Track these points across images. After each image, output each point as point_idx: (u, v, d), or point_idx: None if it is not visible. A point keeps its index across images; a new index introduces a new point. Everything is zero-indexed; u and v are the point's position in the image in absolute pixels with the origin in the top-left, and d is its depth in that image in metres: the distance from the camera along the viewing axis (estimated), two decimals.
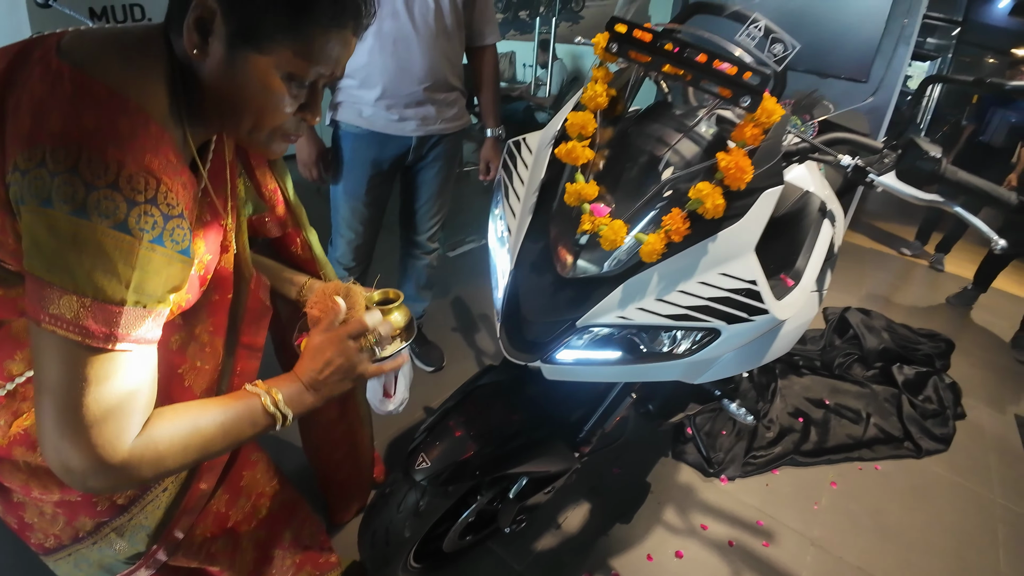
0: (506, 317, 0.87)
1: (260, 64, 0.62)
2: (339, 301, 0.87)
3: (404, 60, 1.54)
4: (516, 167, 0.92)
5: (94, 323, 0.54)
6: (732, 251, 0.74)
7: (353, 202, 1.73)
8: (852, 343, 2.39)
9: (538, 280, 0.83)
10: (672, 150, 0.80)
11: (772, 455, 1.87)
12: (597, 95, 0.80)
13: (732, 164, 0.68)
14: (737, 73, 0.66)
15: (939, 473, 2.00)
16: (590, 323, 0.78)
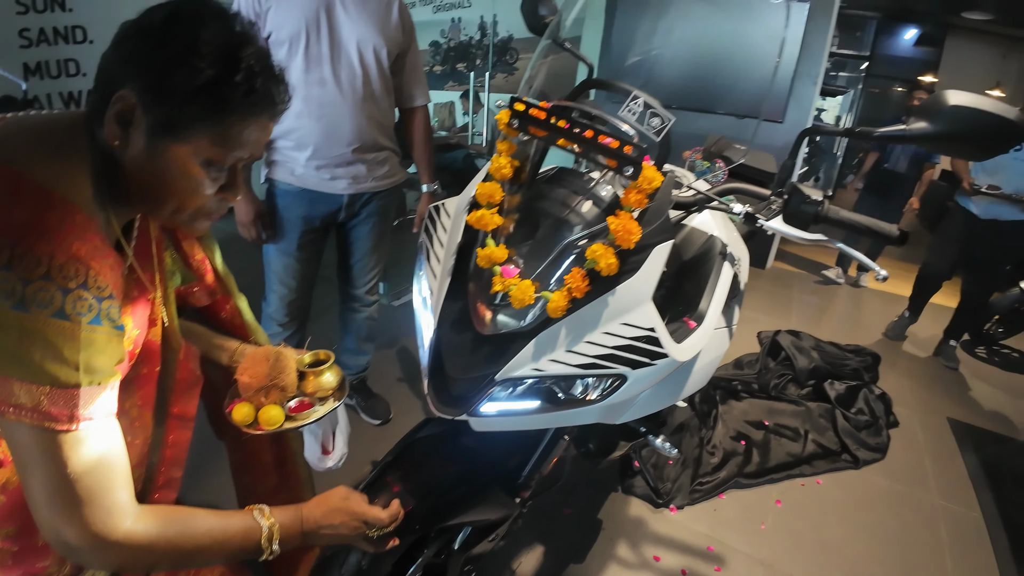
0: (432, 374, 0.91)
1: (179, 153, 0.65)
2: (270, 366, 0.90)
3: (332, 124, 1.59)
4: (436, 231, 0.98)
5: (55, 408, 0.57)
6: (631, 302, 0.80)
7: (285, 258, 1.75)
8: (785, 364, 2.53)
9: (459, 338, 0.88)
10: (573, 212, 0.87)
11: (718, 480, 1.93)
12: (502, 167, 0.87)
13: (620, 228, 0.76)
14: (619, 147, 0.74)
15: (878, 482, 2.10)
16: (508, 376, 0.83)
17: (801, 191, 0.95)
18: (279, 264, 1.76)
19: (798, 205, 0.95)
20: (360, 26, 1.55)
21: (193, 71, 0.61)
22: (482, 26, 4.89)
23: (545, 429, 1.12)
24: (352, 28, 1.54)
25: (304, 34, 1.50)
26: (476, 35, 4.95)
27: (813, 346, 2.65)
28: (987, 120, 0.81)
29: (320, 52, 1.53)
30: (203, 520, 0.69)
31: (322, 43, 1.52)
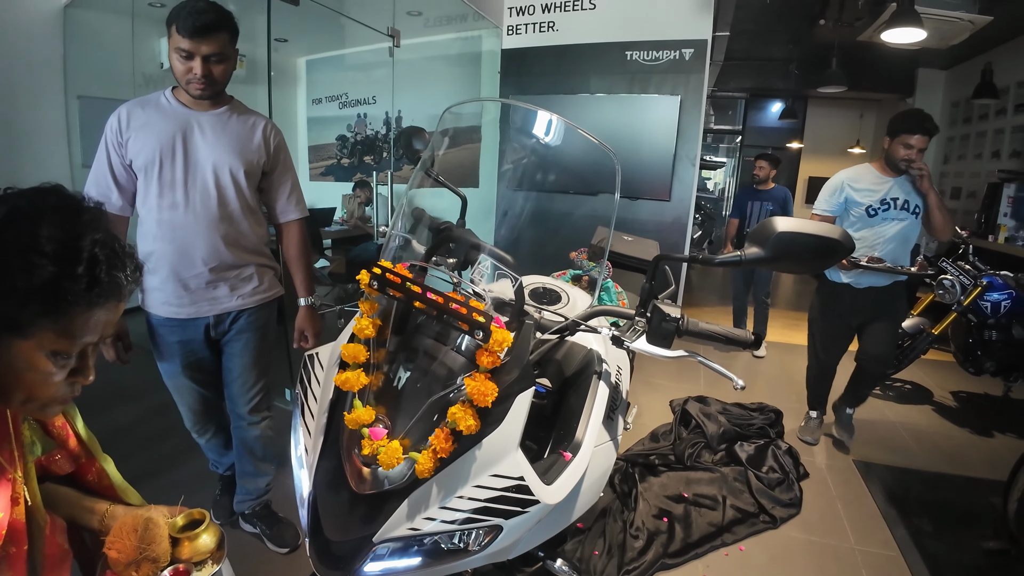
0: (313, 535, 0.88)
1: (23, 348, 0.63)
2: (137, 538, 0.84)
3: (185, 245, 1.60)
4: (309, 383, 0.98)
5: None
6: (498, 453, 0.83)
7: (176, 380, 1.76)
8: (696, 432, 2.63)
9: (335, 497, 0.86)
10: (439, 365, 0.90)
11: (644, 564, 1.94)
12: (364, 328, 0.90)
13: (476, 390, 0.79)
14: (467, 313, 0.79)
15: (796, 537, 2.18)
16: (385, 538, 0.82)
17: (661, 310, 1.04)
18: (172, 386, 1.78)
19: (659, 323, 1.03)
20: (216, 149, 1.59)
21: (32, 270, 0.60)
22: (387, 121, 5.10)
23: None
24: (208, 152, 1.58)
25: (158, 160, 1.54)
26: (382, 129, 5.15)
27: (720, 410, 2.79)
28: (812, 241, 0.92)
29: (174, 176, 1.56)
30: None
31: (176, 168, 1.56)
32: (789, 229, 0.94)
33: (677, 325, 1.03)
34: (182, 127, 1.56)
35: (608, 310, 1.14)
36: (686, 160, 3.57)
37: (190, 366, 1.74)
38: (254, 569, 1.89)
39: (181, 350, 1.70)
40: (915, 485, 2.59)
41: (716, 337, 1.08)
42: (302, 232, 1.86)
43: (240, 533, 2.02)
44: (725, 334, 1.08)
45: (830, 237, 0.92)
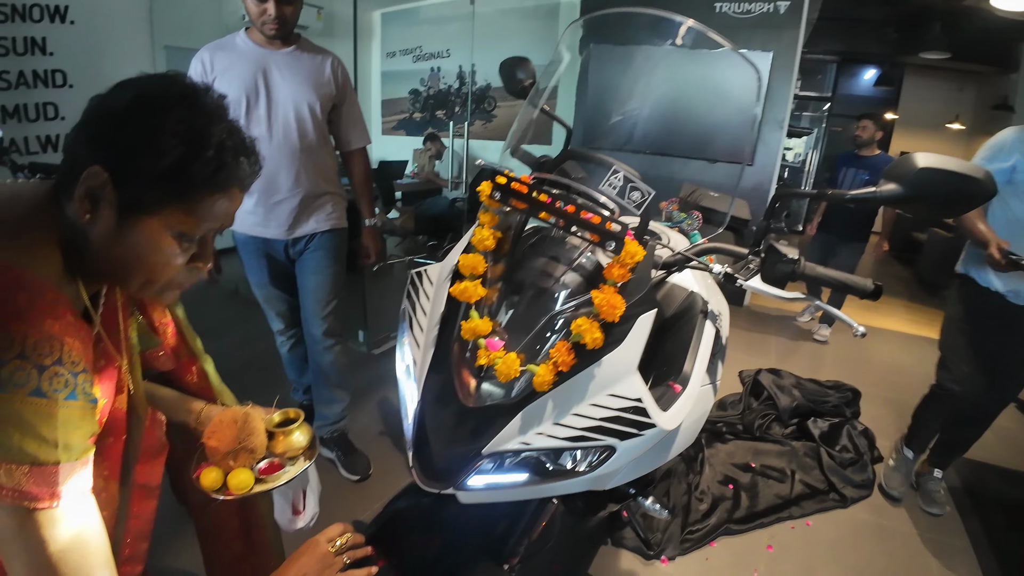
0: (417, 447, 0.88)
1: (151, 226, 0.65)
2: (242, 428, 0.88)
3: (271, 174, 1.75)
4: (418, 298, 0.97)
5: (35, 487, 0.57)
6: (617, 373, 0.80)
7: (263, 290, 2.00)
8: (767, 403, 2.54)
9: (443, 411, 0.86)
10: (557, 282, 0.88)
11: (708, 527, 1.91)
12: (484, 239, 0.88)
13: (604, 302, 0.76)
14: (601, 222, 0.75)
15: (865, 519, 2.10)
16: (494, 450, 0.81)
17: (777, 250, 0.97)
18: (262, 296, 2.01)
19: (774, 264, 0.97)
20: (293, 86, 1.73)
21: (162, 152, 0.62)
22: (461, 75, 5.04)
23: None
24: (287, 89, 1.72)
25: (244, 99, 1.68)
26: (455, 84, 5.10)
27: (794, 384, 2.68)
28: (955, 181, 0.83)
29: (258, 113, 1.71)
30: None
31: (260, 105, 1.70)
32: (931, 165, 0.85)
33: (793, 267, 0.97)
34: (261, 67, 1.69)
35: (719, 247, 1.08)
36: (773, 123, 3.36)
37: (275, 276, 1.96)
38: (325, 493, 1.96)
39: (267, 263, 1.92)
40: (992, 480, 2.45)
41: (833, 283, 1.01)
42: (366, 159, 2.04)
43: (321, 460, 2.12)
44: (844, 280, 1.01)
45: (974, 176, 0.83)
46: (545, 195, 0.80)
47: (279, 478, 0.94)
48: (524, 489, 0.87)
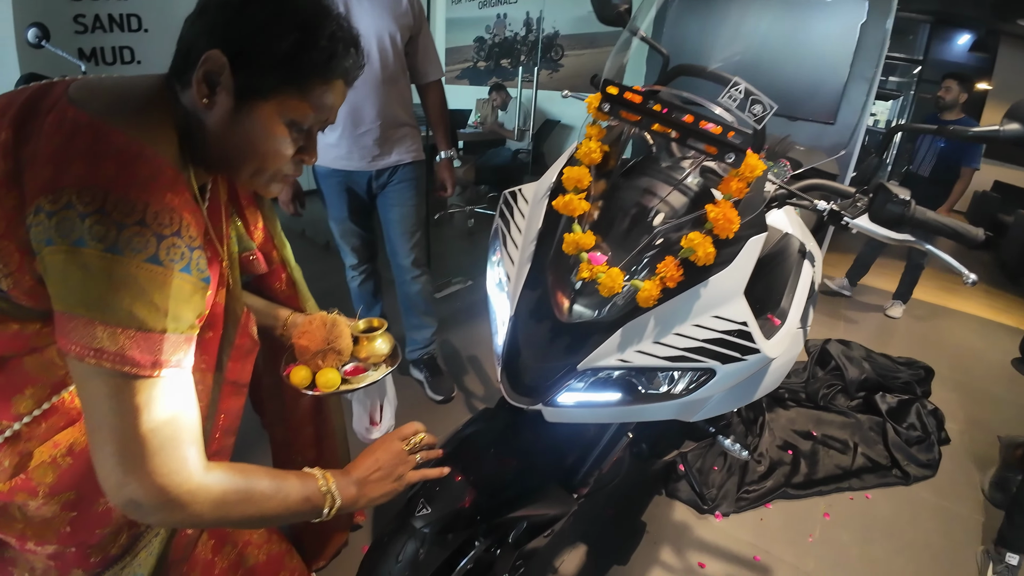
0: (507, 362, 0.89)
1: (267, 114, 0.66)
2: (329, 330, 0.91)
3: (356, 106, 1.79)
4: (513, 217, 0.96)
5: (139, 353, 0.56)
6: (723, 295, 0.78)
7: (341, 224, 2.04)
8: (834, 374, 2.45)
9: (537, 326, 0.86)
10: (662, 201, 0.84)
11: (764, 489, 1.88)
12: (591, 151, 0.85)
13: (720, 215, 0.73)
14: (722, 132, 0.71)
15: (927, 499, 2.03)
16: (591, 366, 0.80)
17: (888, 189, 0.91)
18: (339, 230, 2.05)
19: (884, 204, 0.90)
20: (374, 16, 1.73)
21: (280, 37, 0.63)
22: (527, 22, 4.87)
23: (608, 425, 1.10)
24: (369, 19, 1.71)
25: None
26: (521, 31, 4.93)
27: (864, 356, 2.57)
28: None
29: None
30: (265, 477, 0.68)
31: None
32: None
33: (904, 209, 0.90)
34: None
35: (824, 184, 1.02)
36: (861, 80, 3.10)
37: (354, 211, 2.00)
38: (411, 411, 2.09)
39: (348, 198, 1.97)
40: None
41: (944, 230, 0.94)
42: (442, 91, 2.04)
43: (403, 378, 2.28)
44: (954, 227, 0.94)
45: None
46: (659, 106, 0.77)
47: (363, 380, 0.99)
48: (613, 410, 0.86)
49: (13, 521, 0.70)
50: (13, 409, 0.67)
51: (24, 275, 0.59)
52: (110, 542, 0.78)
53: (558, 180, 0.89)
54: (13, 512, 0.70)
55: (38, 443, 0.69)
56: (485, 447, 1.11)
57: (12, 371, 0.66)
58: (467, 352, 2.63)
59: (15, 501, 0.68)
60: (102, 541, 0.76)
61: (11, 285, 0.60)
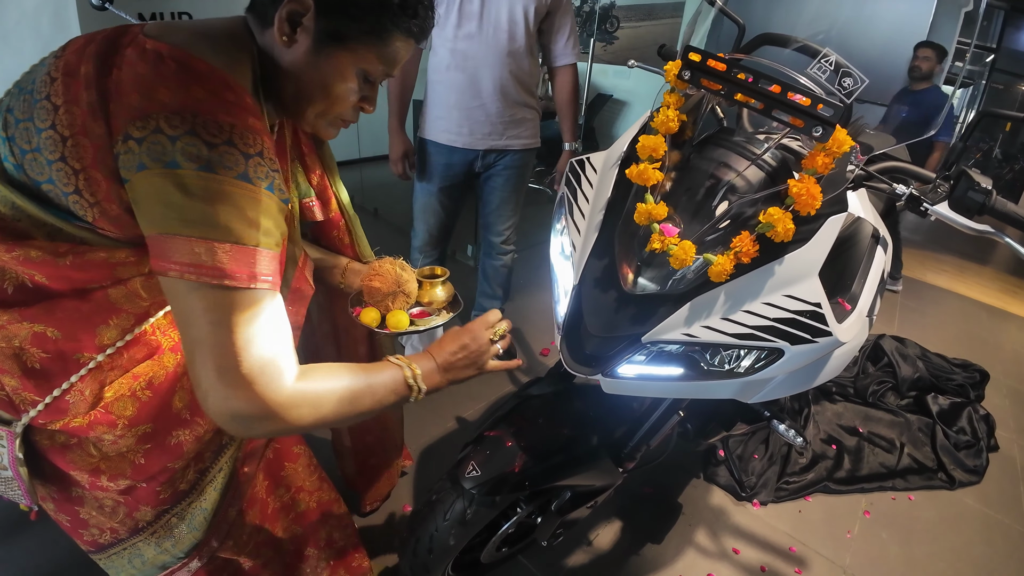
0: (568, 331, 0.89)
1: (343, 60, 0.68)
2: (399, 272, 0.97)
3: (475, 74, 1.71)
4: (580, 185, 0.95)
5: (236, 266, 0.58)
6: (797, 274, 0.76)
7: (428, 197, 1.95)
8: (886, 371, 2.37)
9: (602, 296, 0.86)
10: (738, 175, 0.82)
11: (805, 481, 1.85)
12: (669, 120, 0.83)
13: (804, 191, 0.71)
14: (811, 104, 0.69)
15: (971, 505, 1.97)
16: (656, 339, 0.80)
17: (971, 176, 0.86)
18: (423, 201, 1.97)
19: (965, 192, 0.86)
20: None
21: None
22: None
23: (660, 402, 1.09)
24: None
25: None
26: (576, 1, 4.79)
27: (919, 355, 2.48)
28: None
29: (472, 9, 1.64)
30: (356, 375, 0.70)
31: (474, 1, 1.64)
32: None
33: (985, 198, 0.85)
34: None
35: (904, 167, 0.97)
36: None
37: (444, 190, 1.92)
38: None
39: (444, 173, 1.88)
40: None
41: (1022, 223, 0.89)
42: (575, 77, 1.90)
43: None
44: None
45: None
46: (743, 74, 0.74)
47: (428, 322, 1.02)
48: (672, 385, 0.85)
49: (88, 456, 0.72)
50: (97, 340, 0.68)
51: (112, 204, 0.61)
52: (179, 477, 0.80)
53: (631, 148, 0.87)
54: (88, 448, 0.72)
55: (119, 373, 0.71)
56: (536, 415, 1.12)
57: (97, 302, 0.67)
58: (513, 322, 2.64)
59: (92, 435, 0.71)
60: (172, 476, 0.79)
61: (97, 215, 0.62)
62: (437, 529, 1.08)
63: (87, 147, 0.58)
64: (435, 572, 1.13)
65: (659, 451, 1.19)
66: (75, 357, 0.67)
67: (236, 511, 0.90)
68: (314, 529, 1.08)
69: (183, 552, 0.85)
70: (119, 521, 0.80)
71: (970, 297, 3.80)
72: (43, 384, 0.67)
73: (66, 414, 0.68)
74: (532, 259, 3.38)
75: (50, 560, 1.36)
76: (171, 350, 0.76)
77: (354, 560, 1.18)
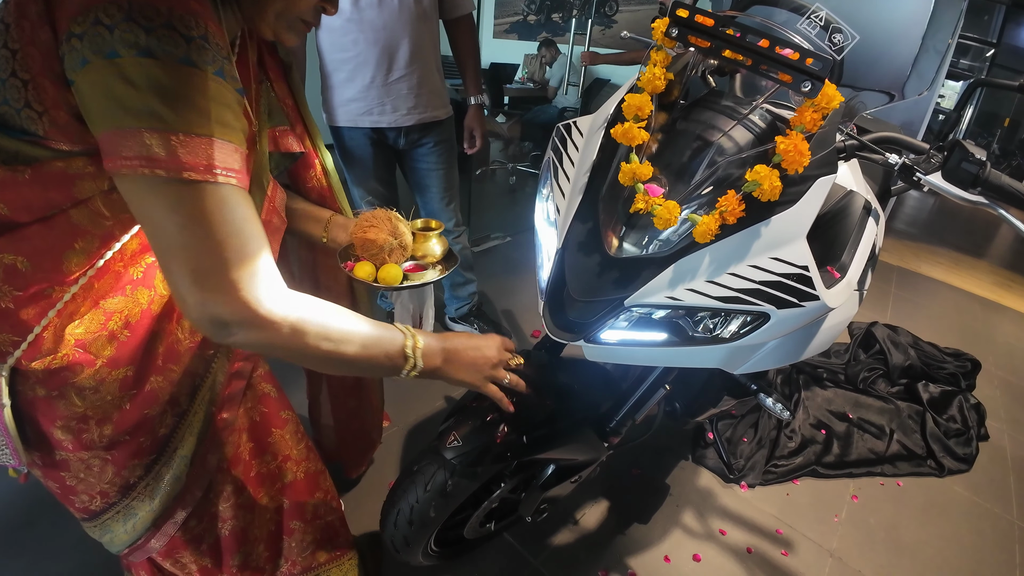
0: (550, 296, 0.87)
1: None
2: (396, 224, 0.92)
3: (390, 44, 1.58)
4: (566, 149, 0.93)
5: (191, 157, 0.54)
6: (784, 236, 0.74)
7: (363, 186, 1.85)
8: (877, 358, 2.37)
9: (585, 259, 0.84)
10: (724, 135, 0.80)
11: (793, 465, 1.85)
12: (655, 78, 0.81)
13: (791, 147, 0.69)
14: (799, 59, 0.67)
15: (960, 492, 1.97)
16: (639, 302, 0.78)
17: (965, 147, 0.85)
18: (361, 192, 1.86)
19: (959, 162, 0.85)
20: None
21: None
22: None
23: (645, 375, 1.08)
24: None
25: None
26: None
27: (911, 343, 2.47)
28: None
29: None
30: (348, 316, 0.67)
31: None
32: None
33: (979, 170, 0.84)
34: None
35: (897, 137, 0.96)
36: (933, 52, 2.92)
37: (379, 170, 1.81)
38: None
39: (373, 157, 1.77)
40: None
41: (1017, 197, 0.87)
42: (473, 27, 1.81)
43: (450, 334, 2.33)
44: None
45: None
46: (732, 30, 0.72)
47: (422, 277, 0.98)
48: (657, 351, 0.84)
49: (73, 407, 0.71)
50: (65, 266, 0.66)
51: (59, 111, 0.58)
52: (159, 423, 0.79)
53: (617, 110, 0.85)
54: (72, 398, 0.70)
55: (90, 306, 0.69)
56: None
57: (60, 227, 0.65)
58: (502, 306, 2.64)
59: (73, 379, 0.69)
60: (152, 424, 0.78)
61: (48, 126, 0.59)
62: (418, 500, 1.06)
63: (35, 56, 0.56)
64: (416, 545, 1.11)
65: (645, 427, 1.18)
66: (46, 292, 0.66)
67: (216, 459, 0.87)
68: (300, 502, 1.06)
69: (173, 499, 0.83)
70: (108, 482, 0.78)
71: (964, 289, 3.80)
72: (19, 325, 0.65)
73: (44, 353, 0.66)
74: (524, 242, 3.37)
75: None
76: (143, 284, 0.73)
77: (339, 536, 1.16)
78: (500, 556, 1.43)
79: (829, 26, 0.73)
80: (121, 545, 0.84)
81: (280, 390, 1.00)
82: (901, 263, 4.17)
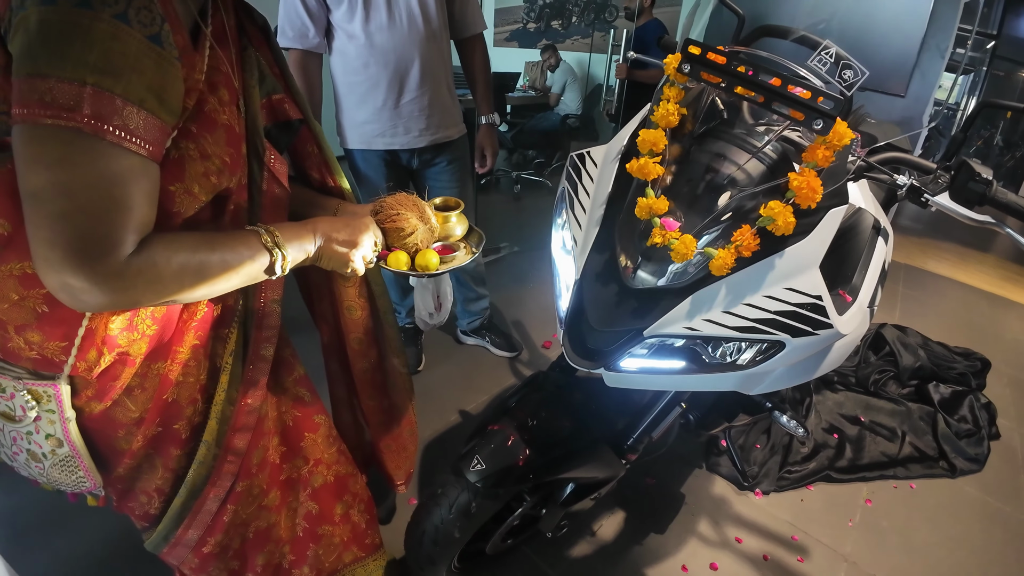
0: (570, 325, 0.89)
1: None
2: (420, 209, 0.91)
3: (402, 66, 1.58)
4: (581, 179, 0.95)
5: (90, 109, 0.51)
6: (798, 267, 0.76)
7: None
8: (887, 360, 2.38)
9: (603, 290, 0.86)
10: (738, 168, 0.83)
11: (807, 471, 1.86)
12: (669, 113, 0.83)
13: (804, 184, 0.71)
14: (811, 97, 0.69)
15: (972, 493, 1.98)
16: (657, 333, 0.80)
17: (971, 167, 0.86)
18: None
19: (965, 182, 0.87)
20: None
21: None
22: None
23: (662, 394, 1.10)
24: None
25: None
26: None
27: (920, 344, 2.48)
28: None
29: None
30: (201, 244, 0.64)
31: None
32: None
33: (986, 189, 0.86)
34: None
35: (904, 158, 0.97)
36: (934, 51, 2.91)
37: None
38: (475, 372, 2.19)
39: (389, 179, 1.76)
40: None
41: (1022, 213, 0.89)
42: (485, 46, 1.81)
43: (465, 348, 2.35)
44: None
45: None
46: (743, 67, 0.74)
47: (454, 260, 0.96)
48: (674, 378, 0.86)
49: (128, 412, 0.73)
50: None
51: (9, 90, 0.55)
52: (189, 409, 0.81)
53: (631, 142, 0.87)
54: (125, 403, 0.72)
55: None
56: (538, 408, 1.13)
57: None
58: (513, 317, 2.65)
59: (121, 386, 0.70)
60: (181, 409, 0.79)
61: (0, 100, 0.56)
62: (442, 522, 1.09)
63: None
64: (440, 564, 1.14)
65: (661, 443, 1.20)
66: None
67: (244, 441, 0.87)
68: (329, 505, 1.06)
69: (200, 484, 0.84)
70: (160, 477, 0.80)
71: (971, 285, 3.80)
72: (61, 328, 0.64)
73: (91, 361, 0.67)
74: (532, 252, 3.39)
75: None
76: None
77: (367, 537, 1.16)
78: (519, 569, 1.45)
79: (840, 61, 0.75)
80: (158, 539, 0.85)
81: (315, 394, 1.01)
82: (908, 260, 4.17)
